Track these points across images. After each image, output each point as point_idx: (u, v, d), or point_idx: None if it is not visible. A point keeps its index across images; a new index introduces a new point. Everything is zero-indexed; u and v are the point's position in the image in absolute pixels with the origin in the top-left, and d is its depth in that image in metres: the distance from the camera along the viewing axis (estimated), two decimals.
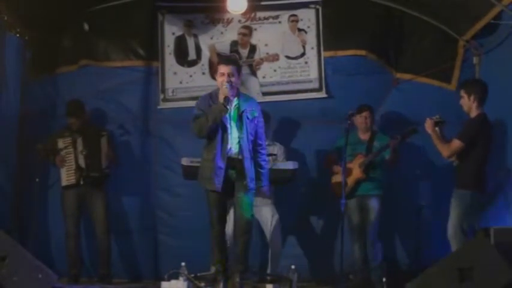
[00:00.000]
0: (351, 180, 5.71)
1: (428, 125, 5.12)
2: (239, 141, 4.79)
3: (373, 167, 5.75)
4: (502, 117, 5.54)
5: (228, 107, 4.75)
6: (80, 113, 5.94)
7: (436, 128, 5.13)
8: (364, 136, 5.89)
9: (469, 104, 5.06)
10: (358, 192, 5.75)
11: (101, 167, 5.91)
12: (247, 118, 4.85)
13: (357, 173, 5.71)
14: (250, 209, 4.84)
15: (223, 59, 5.29)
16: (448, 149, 5.03)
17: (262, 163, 4.94)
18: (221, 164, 4.74)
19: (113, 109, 6.40)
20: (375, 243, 5.77)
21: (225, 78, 4.80)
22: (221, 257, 4.88)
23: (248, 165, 4.80)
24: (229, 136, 4.80)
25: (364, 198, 5.74)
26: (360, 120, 5.84)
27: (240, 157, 4.78)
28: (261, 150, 4.96)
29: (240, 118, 4.83)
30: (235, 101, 4.89)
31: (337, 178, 5.78)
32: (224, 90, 4.75)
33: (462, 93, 5.11)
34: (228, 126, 4.81)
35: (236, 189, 4.84)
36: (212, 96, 4.93)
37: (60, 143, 5.91)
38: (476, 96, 5.03)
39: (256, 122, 4.93)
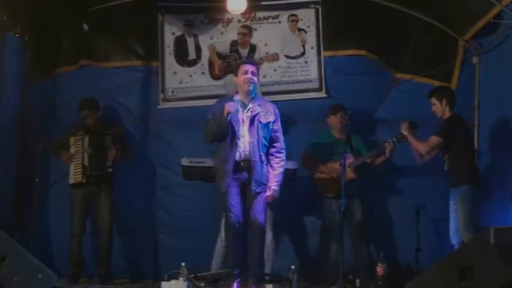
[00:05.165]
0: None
1: (404, 126, 5.44)
2: (250, 145, 4.76)
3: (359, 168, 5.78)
4: (502, 116, 5.55)
5: (229, 118, 4.72)
6: (93, 111, 5.94)
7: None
8: (340, 135, 5.87)
9: (441, 108, 5.34)
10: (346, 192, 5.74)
11: (104, 166, 5.88)
12: (260, 122, 4.81)
13: (348, 172, 5.64)
14: (260, 213, 4.76)
15: (246, 60, 5.29)
16: (427, 145, 5.29)
17: (275, 166, 4.88)
18: (229, 166, 4.71)
19: (113, 109, 6.39)
20: (363, 243, 5.83)
21: (248, 76, 4.79)
22: (239, 260, 4.76)
23: (257, 169, 4.76)
24: (240, 139, 4.76)
25: (350, 199, 5.66)
26: (335, 120, 5.88)
27: (249, 161, 4.75)
28: (275, 153, 4.90)
29: (252, 122, 4.79)
30: (249, 105, 4.86)
31: (321, 174, 5.88)
32: (246, 87, 4.76)
33: (433, 100, 5.38)
34: (239, 129, 4.77)
35: (247, 193, 4.80)
36: (228, 100, 4.87)
37: (72, 141, 5.92)
38: (447, 100, 5.34)
39: (271, 126, 4.88)
